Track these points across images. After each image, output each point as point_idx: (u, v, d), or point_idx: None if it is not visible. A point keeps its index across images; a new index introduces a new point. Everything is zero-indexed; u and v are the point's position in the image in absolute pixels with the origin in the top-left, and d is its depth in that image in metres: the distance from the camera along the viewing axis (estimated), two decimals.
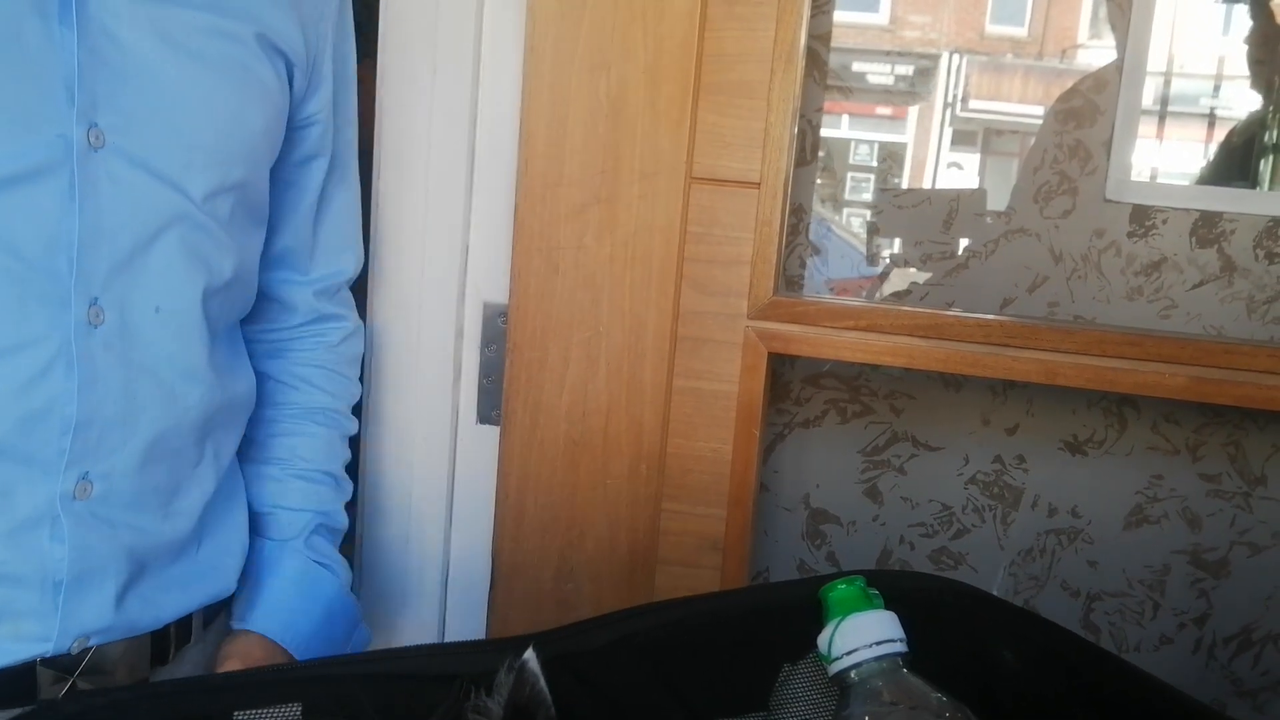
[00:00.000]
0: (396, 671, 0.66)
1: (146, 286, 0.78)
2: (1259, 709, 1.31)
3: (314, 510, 0.97)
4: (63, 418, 0.75)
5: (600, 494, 1.06)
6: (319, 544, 0.97)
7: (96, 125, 0.74)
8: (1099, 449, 1.31)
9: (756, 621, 0.71)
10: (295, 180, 0.94)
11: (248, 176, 0.84)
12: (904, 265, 1.42)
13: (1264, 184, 1.30)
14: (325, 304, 0.99)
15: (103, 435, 0.77)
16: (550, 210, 1.03)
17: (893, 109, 1.54)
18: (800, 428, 1.37)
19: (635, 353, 1.04)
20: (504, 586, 1.10)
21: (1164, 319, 1.27)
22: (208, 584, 0.89)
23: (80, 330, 0.75)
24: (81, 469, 0.76)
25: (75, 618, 0.77)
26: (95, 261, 0.75)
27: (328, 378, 1.00)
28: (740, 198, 1.01)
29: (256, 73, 0.83)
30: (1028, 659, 0.70)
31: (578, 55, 1.00)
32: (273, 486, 0.97)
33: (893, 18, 1.51)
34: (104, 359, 0.76)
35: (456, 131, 1.08)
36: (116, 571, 0.79)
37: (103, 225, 0.75)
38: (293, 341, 0.99)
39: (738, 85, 0.99)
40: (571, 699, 0.66)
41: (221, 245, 0.83)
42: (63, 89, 0.72)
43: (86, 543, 0.77)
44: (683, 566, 1.07)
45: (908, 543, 1.37)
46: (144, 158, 0.76)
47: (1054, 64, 1.41)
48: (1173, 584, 1.32)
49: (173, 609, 0.85)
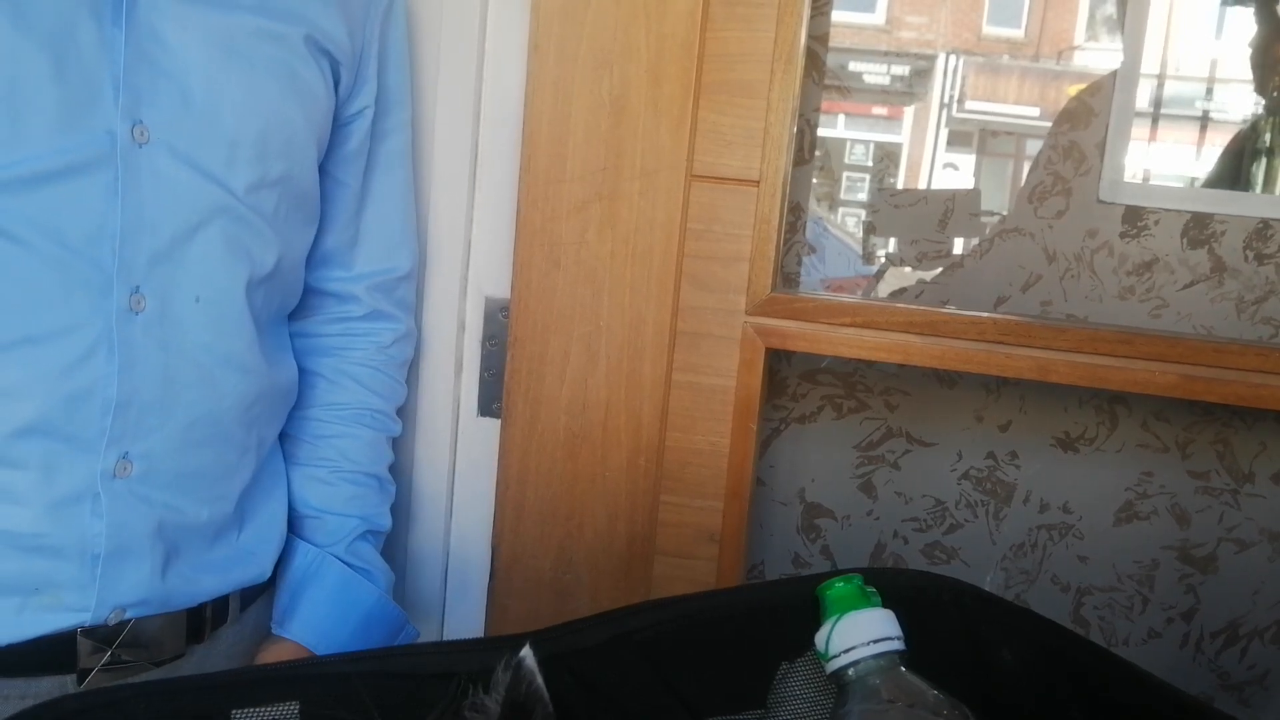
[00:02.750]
0: (395, 670, 0.66)
1: (187, 276, 0.81)
2: (1245, 702, 1.33)
3: (359, 516, 0.99)
4: (104, 399, 0.78)
5: (599, 486, 1.08)
6: (362, 550, 0.98)
7: (141, 122, 0.77)
8: (1090, 446, 1.33)
9: (755, 619, 0.72)
10: (342, 176, 0.95)
11: (290, 171, 0.86)
12: (899, 264, 1.44)
13: (1256, 186, 1.32)
14: (380, 300, 1.00)
15: (141, 416, 0.80)
16: (552, 206, 1.05)
17: (888, 109, 1.56)
18: (796, 423, 1.39)
19: (635, 347, 1.05)
20: (504, 576, 1.12)
21: (1155, 318, 1.29)
22: (245, 568, 0.91)
23: (122, 316, 0.78)
24: (122, 449, 0.80)
25: (112, 589, 0.80)
26: (137, 251, 0.78)
27: (377, 378, 1.01)
28: (740, 195, 1.02)
29: (302, 74, 0.86)
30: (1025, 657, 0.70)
31: (580, 54, 1.02)
32: (321, 489, 0.98)
33: (889, 18, 1.52)
34: (144, 344, 0.79)
35: (460, 129, 1.09)
36: (152, 548, 0.82)
37: (144, 217, 0.78)
38: (345, 338, 1.00)
39: (738, 84, 1.01)
40: (570, 696, 0.66)
41: (264, 238, 0.85)
42: (110, 87, 0.76)
43: (124, 519, 0.80)
44: (680, 558, 1.09)
45: (901, 537, 1.38)
46: (187, 153, 0.79)
47: (1050, 65, 1.43)
48: (1161, 579, 1.33)
49: (209, 589, 0.88)
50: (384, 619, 0.98)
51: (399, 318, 1.03)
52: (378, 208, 0.99)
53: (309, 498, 0.98)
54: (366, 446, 1.00)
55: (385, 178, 0.99)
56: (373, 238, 0.99)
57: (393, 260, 1.01)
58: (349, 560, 0.97)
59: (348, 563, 0.97)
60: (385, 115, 0.97)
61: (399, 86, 0.98)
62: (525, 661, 0.60)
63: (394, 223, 1.01)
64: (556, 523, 1.09)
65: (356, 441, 1.00)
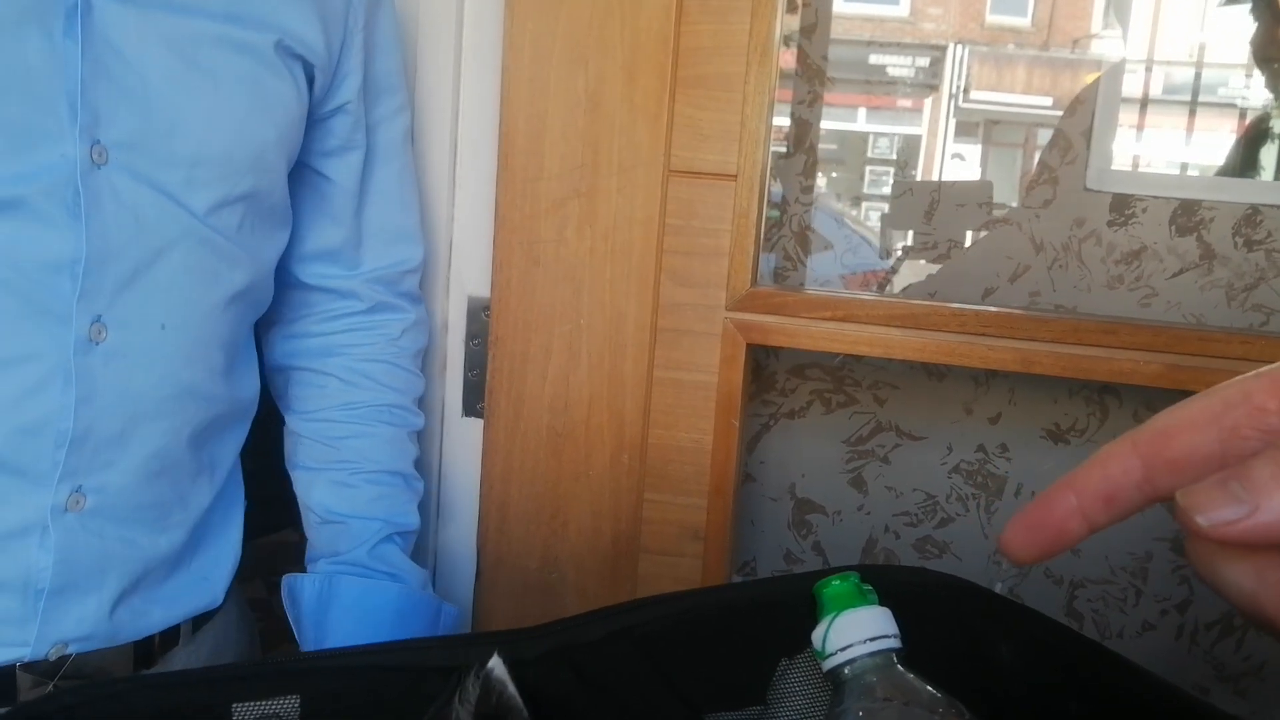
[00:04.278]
0: (395, 663, 0.66)
1: (153, 303, 0.77)
2: (1240, 694, 1.32)
3: (383, 519, 0.94)
4: (58, 432, 0.75)
5: (583, 484, 1.07)
6: (387, 553, 0.94)
7: (99, 142, 0.72)
8: (1080, 437, 1.32)
9: (754, 616, 0.71)
10: (328, 173, 0.91)
11: (258, 185, 0.82)
12: (903, 257, 1.43)
13: (1267, 172, 1.30)
14: (383, 293, 0.96)
15: (98, 450, 0.77)
16: (531, 204, 1.04)
17: (876, 99, 1.55)
18: (785, 418, 1.38)
19: (616, 344, 1.05)
20: (489, 577, 1.11)
21: (1144, 307, 1.28)
22: (196, 596, 0.88)
23: (81, 347, 0.74)
24: (75, 482, 0.76)
25: (55, 625, 0.77)
26: (100, 279, 0.74)
27: (391, 372, 0.98)
28: (717, 190, 1.02)
29: (270, 85, 0.81)
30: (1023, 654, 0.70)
31: (556, 50, 1.01)
32: (342, 493, 0.94)
33: (913, 10, 1.51)
34: (104, 376, 0.76)
35: (439, 128, 1.09)
36: (101, 583, 0.79)
37: (109, 243, 0.74)
38: (350, 334, 0.96)
39: (714, 78, 1.00)
40: (568, 692, 0.66)
41: (231, 258, 0.82)
42: (66, 105, 0.71)
43: (73, 554, 0.77)
44: (665, 555, 1.08)
45: (893, 532, 1.38)
46: (147, 174, 0.75)
47: (1064, 54, 1.41)
48: (1155, 571, 1.32)
49: (158, 620, 0.84)
50: (416, 610, 0.94)
51: (405, 308, 0.99)
52: (377, 203, 0.95)
53: (331, 503, 0.94)
54: (387, 444, 0.96)
55: (383, 170, 0.95)
56: (375, 234, 0.95)
57: (397, 254, 0.97)
58: (372, 565, 0.93)
59: (370, 567, 0.93)
60: (375, 104, 0.93)
61: (388, 73, 0.94)
62: (494, 672, 0.60)
63: (394, 217, 0.97)
64: (541, 522, 1.09)
65: (377, 440, 0.96)
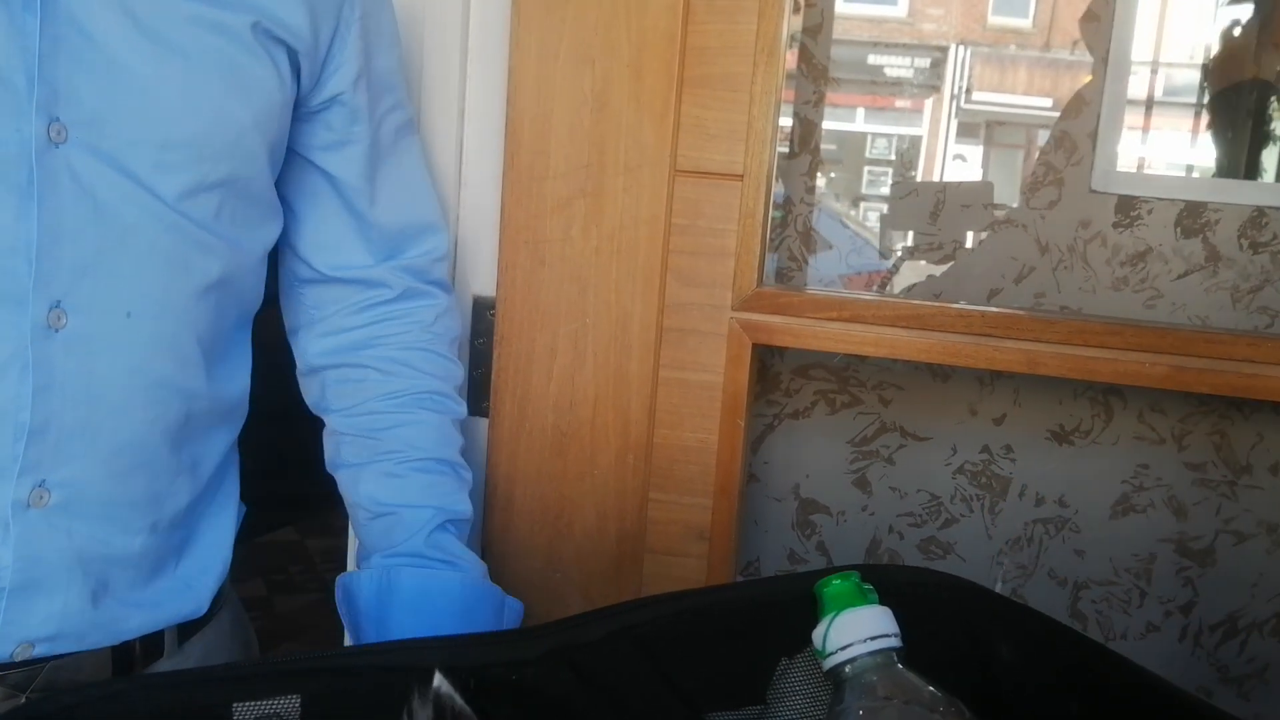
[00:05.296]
0: (395, 664, 0.65)
1: (116, 290, 0.74)
2: (1244, 696, 1.32)
3: (435, 506, 0.91)
4: (16, 423, 0.72)
5: (588, 484, 1.07)
6: (442, 540, 0.90)
7: (58, 119, 0.70)
8: (1085, 439, 1.32)
9: (755, 614, 0.71)
10: (330, 169, 0.89)
11: (236, 172, 0.79)
12: (904, 258, 1.43)
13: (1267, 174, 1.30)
14: (410, 279, 0.93)
15: (61, 443, 0.74)
16: (536, 204, 1.04)
17: (880, 99, 1.55)
18: (790, 419, 1.38)
19: (621, 344, 1.04)
20: (493, 576, 1.11)
21: (1149, 309, 1.28)
22: (180, 603, 0.84)
23: (39, 333, 0.71)
24: (38, 476, 0.73)
25: (19, 624, 0.74)
26: (56, 263, 0.71)
27: (429, 359, 0.94)
28: (724, 190, 1.02)
29: (247, 67, 0.78)
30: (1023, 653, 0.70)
31: (562, 50, 1.01)
32: (391, 484, 0.91)
33: (911, 10, 1.51)
34: (64, 364, 0.73)
35: (445, 127, 1.09)
36: (70, 582, 0.76)
37: (64, 225, 0.71)
38: (385, 324, 0.93)
39: (720, 78, 1.00)
40: (568, 692, 0.66)
41: (205, 246, 0.79)
42: (24, 80, 0.68)
43: (37, 551, 0.74)
44: (670, 555, 1.08)
45: (897, 532, 1.38)
46: (111, 154, 0.72)
47: (1065, 55, 1.41)
48: (1159, 572, 1.32)
49: (137, 625, 0.81)
50: (480, 602, 0.90)
51: (436, 294, 0.96)
52: (389, 198, 0.92)
53: (380, 495, 0.91)
54: (433, 431, 0.93)
55: (392, 164, 0.93)
56: (389, 229, 0.93)
57: (422, 243, 0.95)
58: (430, 554, 0.89)
59: (429, 556, 0.89)
60: (378, 101, 0.91)
61: (391, 70, 0.92)
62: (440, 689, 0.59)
63: (412, 206, 0.95)
64: (546, 522, 1.09)
65: (421, 427, 0.92)
